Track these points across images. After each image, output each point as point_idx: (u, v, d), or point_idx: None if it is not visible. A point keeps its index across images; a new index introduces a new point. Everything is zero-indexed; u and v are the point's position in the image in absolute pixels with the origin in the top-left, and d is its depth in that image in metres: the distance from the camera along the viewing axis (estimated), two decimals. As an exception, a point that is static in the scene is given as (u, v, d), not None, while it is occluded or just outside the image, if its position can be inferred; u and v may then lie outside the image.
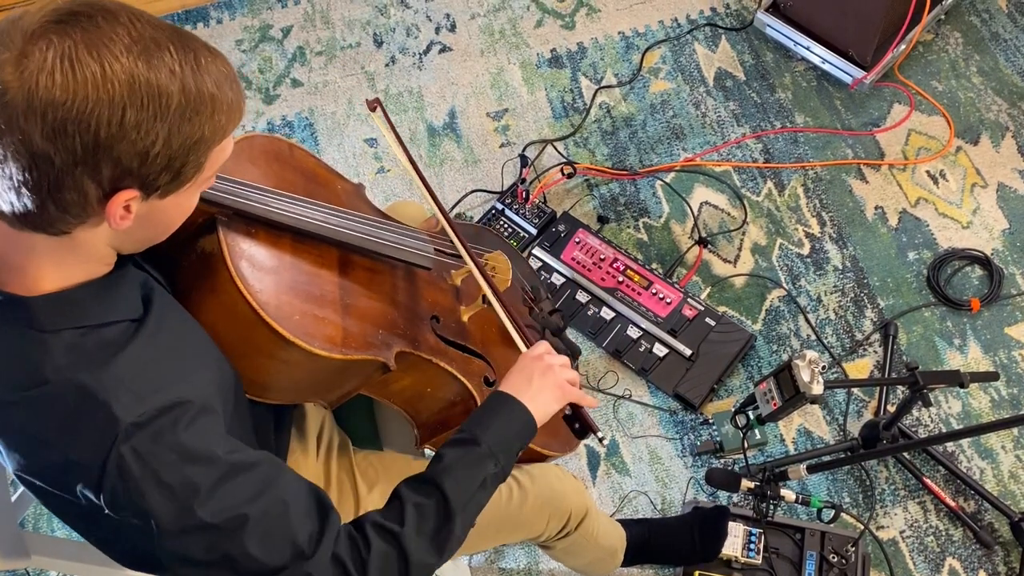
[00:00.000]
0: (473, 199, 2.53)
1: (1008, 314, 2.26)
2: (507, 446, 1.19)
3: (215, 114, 0.94)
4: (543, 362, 1.28)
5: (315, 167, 1.46)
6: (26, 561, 1.40)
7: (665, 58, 2.73)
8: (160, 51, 0.89)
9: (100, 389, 0.95)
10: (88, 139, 0.86)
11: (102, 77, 0.85)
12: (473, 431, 1.18)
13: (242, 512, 0.99)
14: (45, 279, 0.97)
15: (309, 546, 1.03)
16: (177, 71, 0.90)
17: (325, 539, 1.04)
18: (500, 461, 1.17)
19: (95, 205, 0.91)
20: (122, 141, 0.88)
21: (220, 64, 0.95)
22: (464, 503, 1.13)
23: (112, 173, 0.89)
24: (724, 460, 2.13)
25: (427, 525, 1.10)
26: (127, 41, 0.88)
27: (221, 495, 0.98)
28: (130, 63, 0.87)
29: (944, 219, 2.41)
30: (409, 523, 1.09)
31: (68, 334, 0.96)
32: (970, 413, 2.15)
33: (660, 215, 2.47)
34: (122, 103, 0.87)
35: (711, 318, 2.24)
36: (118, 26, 0.88)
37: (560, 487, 1.54)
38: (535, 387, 1.25)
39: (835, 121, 2.58)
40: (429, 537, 1.10)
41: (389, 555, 1.07)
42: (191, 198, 1.02)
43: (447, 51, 2.80)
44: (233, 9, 2.93)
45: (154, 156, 0.91)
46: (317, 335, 1.17)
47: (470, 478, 1.14)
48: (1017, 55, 2.64)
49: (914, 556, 2.01)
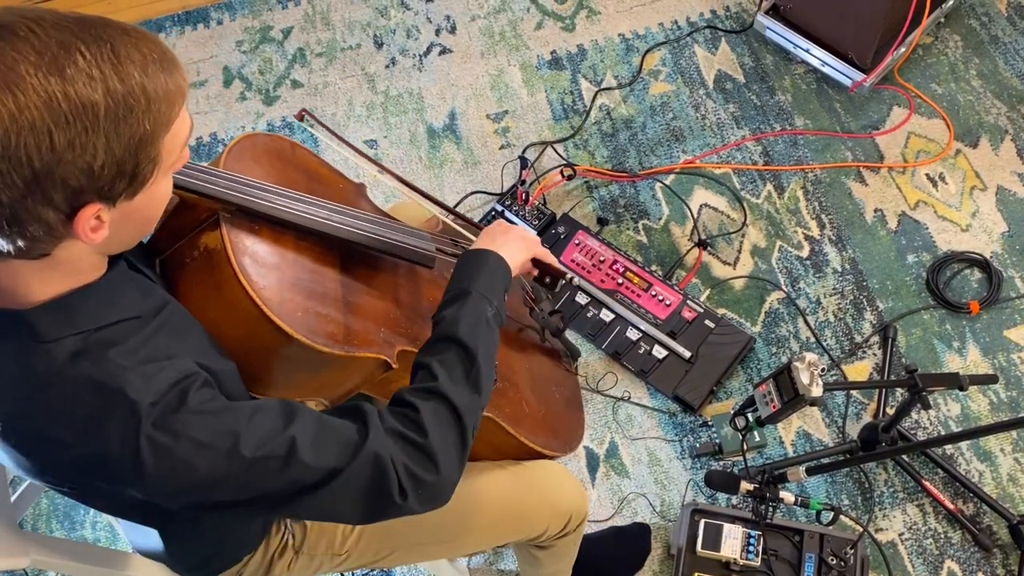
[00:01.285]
0: (473, 200, 2.53)
1: (1007, 317, 2.27)
2: (493, 287, 1.28)
3: (151, 105, 0.88)
4: (502, 226, 1.40)
5: (317, 166, 1.47)
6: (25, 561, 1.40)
7: (665, 60, 2.74)
8: (71, 56, 0.83)
9: (109, 377, 0.93)
10: (25, 172, 0.82)
11: (16, 106, 0.80)
12: (459, 285, 1.27)
13: (287, 435, 1.01)
14: (35, 294, 0.95)
15: (359, 433, 1.06)
16: (95, 74, 0.84)
17: (371, 421, 1.07)
18: (493, 302, 1.26)
19: (61, 228, 0.88)
20: (60, 164, 0.83)
21: (144, 48, 0.88)
22: (478, 342, 1.20)
23: (65, 195, 0.86)
24: (723, 462, 2.13)
25: (457, 371, 1.17)
26: (32, 57, 0.81)
27: (257, 428, 1.00)
28: (42, 82, 0.81)
29: (943, 222, 2.41)
30: (441, 376, 1.15)
31: (70, 341, 0.95)
32: (969, 416, 2.15)
33: (660, 217, 2.47)
34: (46, 127, 0.81)
35: (710, 320, 2.24)
36: (18, 41, 0.81)
37: (564, 486, 1.54)
38: (499, 242, 1.36)
39: (835, 124, 2.58)
40: (463, 380, 1.17)
41: (438, 408, 1.12)
42: (163, 187, 0.98)
43: (447, 53, 2.80)
44: (234, 10, 2.93)
45: (100, 168, 0.86)
46: (320, 331, 1.17)
47: (474, 320, 1.22)
48: (1016, 58, 2.65)
49: (913, 558, 2.01)
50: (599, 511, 2.10)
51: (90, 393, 0.93)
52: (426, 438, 1.09)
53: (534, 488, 1.51)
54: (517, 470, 1.50)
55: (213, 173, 1.19)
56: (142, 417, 0.93)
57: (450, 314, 1.22)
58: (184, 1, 2.96)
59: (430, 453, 1.09)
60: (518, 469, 1.50)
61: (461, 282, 1.27)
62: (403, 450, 1.07)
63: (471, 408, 1.15)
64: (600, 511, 2.10)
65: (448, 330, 1.20)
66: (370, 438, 1.05)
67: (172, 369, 0.98)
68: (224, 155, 1.28)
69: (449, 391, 1.13)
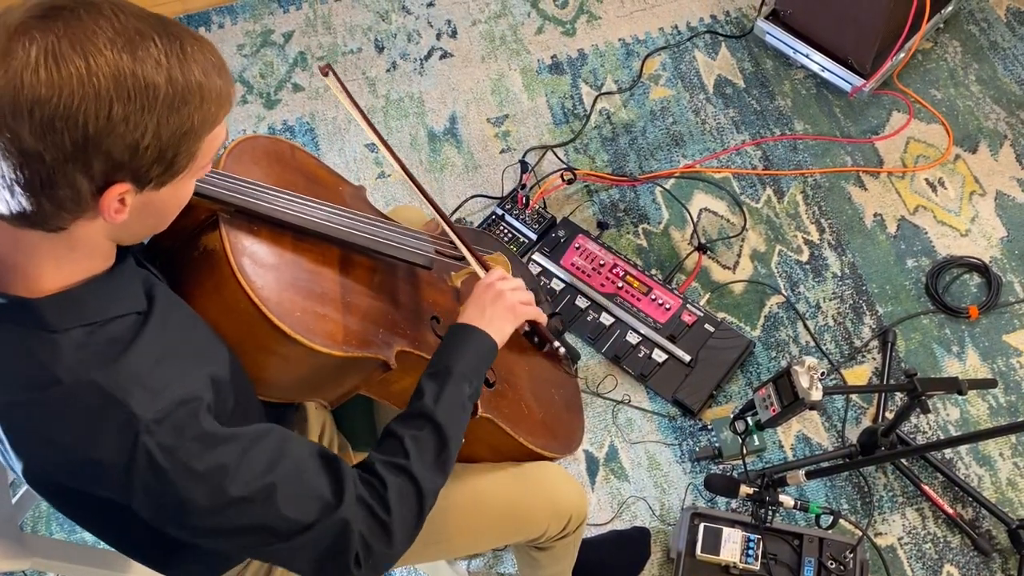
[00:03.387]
0: (473, 204, 2.53)
1: (1006, 322, 2.27)
2: (475, 368, 1.30)
3: (204, 103, 0.94)
4: (494, 289, 1.39)
5: (316, 169, 1.47)
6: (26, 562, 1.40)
7: (665, 65, 2.74)
8: (145, 42, 0.89)
9: (116, 387, 0.95)
10: (77, 135, 0.86)
11: (87, 72, 0.85)
12: (444, 363, 1.27)
13: (269, 480, 1.03)
14: (46, 279, 0.97)
15: (335, 497, 1.08)
16: (163, 62, 0.89)
17: (346, 487, 1.09)
18: (473, 382, 1.28)
19: (89, 200, 0.91)
20: (111, 135, 0.88)
21: (207, 52, 0.95)
22: (452, 425, 1.22)
23: (104, 167, 0.89)
24: (723, 466, 2.13)
25: (428, 453, 1.19)
26: (111, 34, 0.87)
27: (246, 469, 1.01)
28: (115, 56, 0.86)
29: (942, 227, 2.41)
30: (412, 455, 1.17)
31: (76, 332, 0.96)
32: (968, 420, 2.15)
33: (660, 221, 2.47)
34: (108, 97, 0.86)
35: (710, 324, 2.24)
36: (101, 19, 0.87)
37: (564, 487, 1.55)
38: (488, 315, 1.35)
39: (834, 129, 2.59)
40: (432, 463, 1.19)
41: (404, 487, 1.14)
42: (186, 187, 1.02)
43: (448, 57, 2.81)
44: (235, 14, 2.94)
45: (144, 148, 0.90)
46: (318, 332, 1.18)
47: (453, 402, 1.24)
48: (1015, 64, 2.65)
49: (912, 563, 2.01)
50: (599, 515, 2.10)
51: (93, 397, 0.95)
52: (389, 515, 1.12)
53: (533, 488, 1.51)
54: (516, 471, 1.50)
55: (213, 174, 1.19)
56: (140, 432, 0.95)
57: (431, 392, 1.23)
58: (186, 4, 2.97)
59: (389, 530, 1.11)
60: (517, 470, 1.50)
61: (446, 358, 1.28)
62: (365, 522, 1.10)
63: (434, 490, 1.18)
64: (600, 515, 2.10)
65: (426, 408, 1.21)
66: (344, 503, 1.08)
67: (178, 384, 0.99)
68: (224, 156, 1.28)
69: (417, 472, 1.16)
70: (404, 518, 1.14)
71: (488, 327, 1.33)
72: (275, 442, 1.07)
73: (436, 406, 1.21)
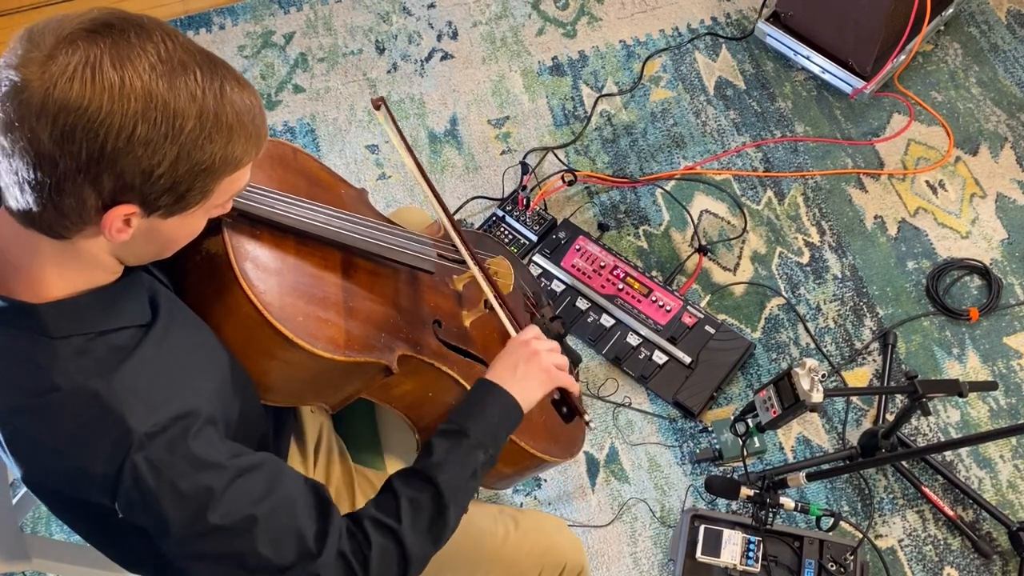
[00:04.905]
0: (474, 206, 2.53)
1: (1007, 324, 2.27)
2: (494, 434, 1.22)
3: (230, 143, 0.93)
4: (529, 348, 1.30)
5: (318, 171, 1.47)
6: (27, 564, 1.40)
7: (666, 67, 2.74)
8: (186, 74, 0.89)
9: (112, 398, 0.95)
10: (94, 148, 0.86)
11: (119, 89, 0.85)
12: (461, 422, 1.21)
13: (251, 513, 1.01)
14: (50, 286, 0.97)
15: (316, 544, 1.05)
16: (198, 95, 0.90)
17: (330, 537, 1.06)
18: (489, 450, 1.21)
19: (93, 215, 0.91)
20: (128, 156, 0.88)
21: (247, 96, 0.95)
22: (456, 494, 1.16)
23: (113, 185, 0.89)
24: (723, 468, 2.13)
25: (422, 519, 1.13)
26: (154, 59, 0.88)
27: (231, 498, 1.00)
28: (151, 80, 0.87)
29: (943, 229, 2.42)
30: (405, 518, 1.12)
31: (76, 340, 0.97)
32: (968, 422, 2.15)
33: (660, 223, 2.47)
34: (134, 117, 0.86)
35: (711, 326, 2.25)
36: (148, 43, 0.88)
37: (557, 538, 1.53)
38: (519, 374, 1.27)
39: (835, 131, 2.59)
40: (425, 530, 1.13)
41: (388, 550, 1.10)
42: (197, 222, 1.02)
43: (449, 58, 2.81)
44: (236, 15, 2.94)
45: (158, 176, 0.90)
46: (320, 336, 1.18)
47: (461, 469, 1.17)
48: (1016, 66, 2.66)
49: (912, 565, 2.01)
50: (599, 516, 2.10)
51: (90, 407, 0.95)
52: None
53: (529, 534, 1.50)
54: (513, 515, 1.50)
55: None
56: (133, 444, 0.95)
57: (440, 452, 1.17)
58: (186, 5, 2.97)
59: None
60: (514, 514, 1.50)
61: (464, 418, 1.21)
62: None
63: (422, 557, 1.13)
64: (600, 517, 2.10)
65: (431, 470, 1.16)
66: (323, 557, 1.05)
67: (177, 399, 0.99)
68: None
69: (407, 538, 1.11)
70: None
71: (517, 388, 1.25)
72: (266, 475, 1.05)
73: (442, 470, 1.15)
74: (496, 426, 1.23)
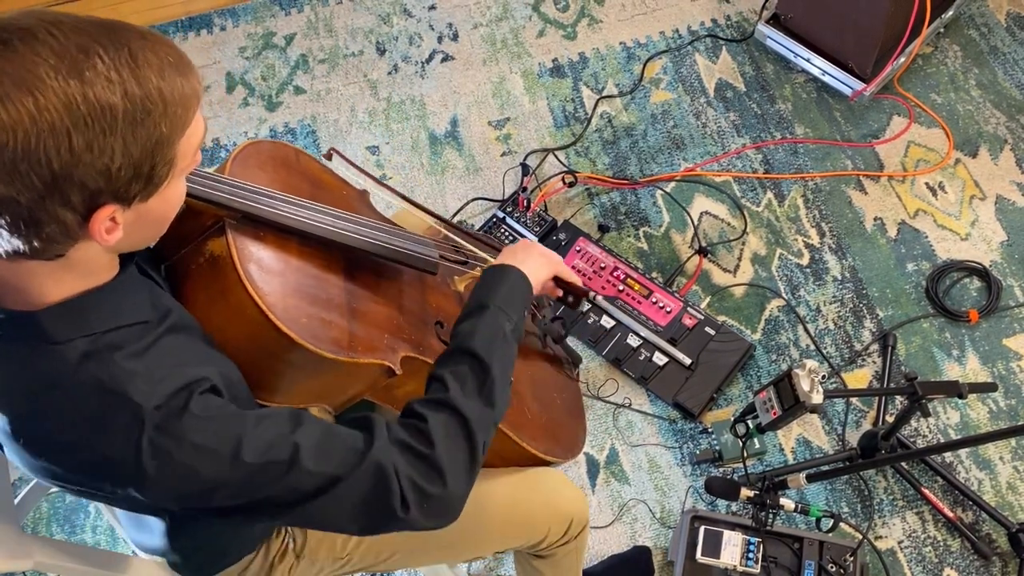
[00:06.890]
0: (474, 207, 2.54)
1: (1006, 325, 2.28)
2: (512, 302, 1.28)
3: (168, 109, 0.89)
4: (524, 243, 1.42)
5: (321, 173, 1.47)
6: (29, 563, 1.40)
7: (666, 69, 2.75)
8: (90, 60, 0.84)
9: (114, 381, 0.94)
10: (45, 173, 0.83)
11: (36, 108, 0.81)
12: (478, 300, 1.26)
13: (291, 440, 1.01)
14: (48, 293, 0.95)
15: (365, 444, 1.05)
16: (114, 77, 0.84)
17: (377, 433, 1.07)
18: (511, 316, 1.26)
19: (77, 228, 0.89)
20: (79, 166, 0.84)
21: (160, 52, 0.89)
22: (493, 355, 1.19)
23: (82, 197, 0.87)
24: (723, 469, 2.13)
25: (469, 384, 1.16)
26: (52, 60, 0.82)
27: (263, 434, 1.00)
28: (62, 84, 0.82)
29: (943, 231, 2.42)
30: (453, 388, 1.14)
31: (80, 343, 0.95)
32: (968, 424, 2.16)
33: (660, 224, 2.48)
34: (65, 129, 0.82)
35: (711, 327, 2.25)
36: (37, 44, 0.82)
37: (564, 491, 1.55)
38: (520, 258, 1.37)
39: (835, 133, 2.59)
40: (476, 393, 1.16)
41: (448, 420, 1.12)
42: (177, 189, 0.99)
43: (449, 60, 2.82)
44: (237, 16, 2.94)
45: (117, 170, 0.87)
46: (324, 338, 1.18)
47: (491, 334, 1.21)
48: (1015, 68, 2.66)
49: (912, 566, 2.01)
50: (599, 517, 2.10)
51: (95, 395, 0.94)
52: (433, 450, 1.08)
53: (534, 492, 1.51)
54: (517, 475, 1.51)
55: (219, 180, 1.19)
56: (145, 420, 0.94)
57: (466, 327, 1.22)
58: (188, 7, 2.98)
59: (436, 466, 1.07)
60: (518, 474, 1.51)
61: (480, 297, 1.27)
62: (408, 462, 1.06)
63: (483, 421, 1.14)
64: (600, 517, 2.10)
65: (463, 343, 1.20)
66: (375, 447, 1.05)
67: (179, 374, 0.98)
68: (229, 162, 1.28)
69: (460, 403, 1.12)
70: (452, 452, 1.09)
71: (522, 265, 1.33)
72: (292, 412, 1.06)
73: (473, 339, 1.19)
74: (511, 295, 1.28)
